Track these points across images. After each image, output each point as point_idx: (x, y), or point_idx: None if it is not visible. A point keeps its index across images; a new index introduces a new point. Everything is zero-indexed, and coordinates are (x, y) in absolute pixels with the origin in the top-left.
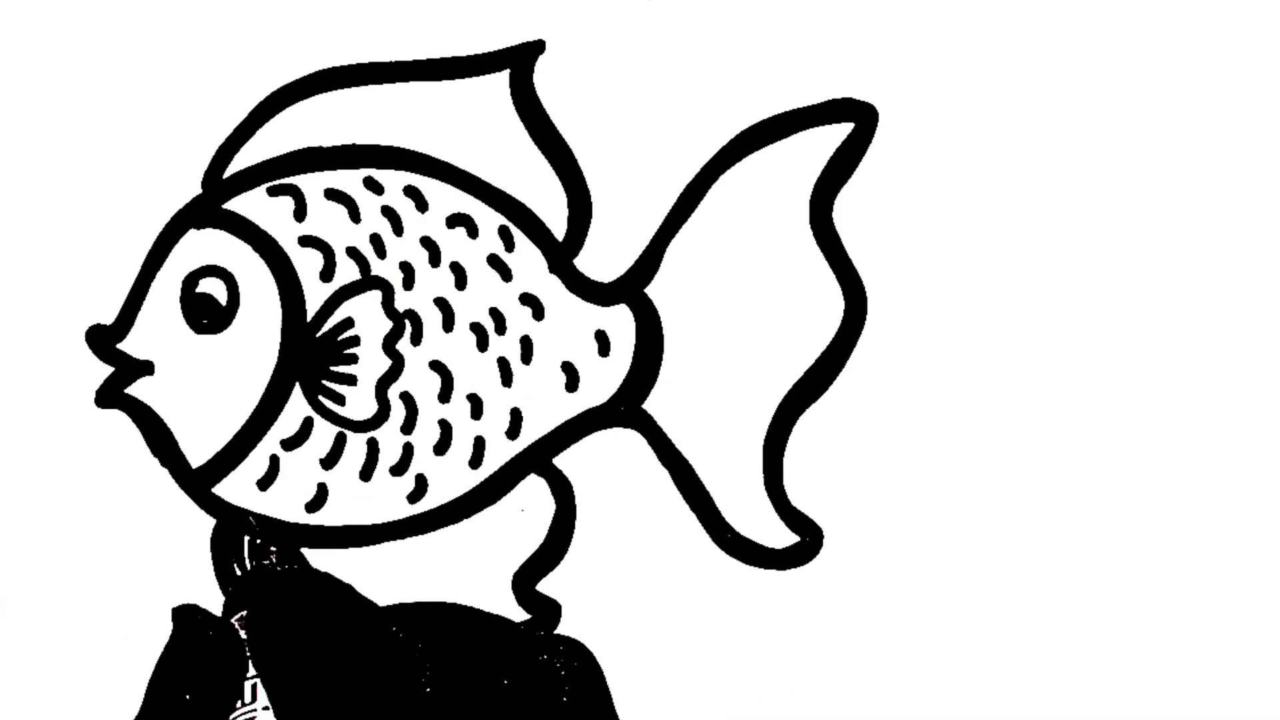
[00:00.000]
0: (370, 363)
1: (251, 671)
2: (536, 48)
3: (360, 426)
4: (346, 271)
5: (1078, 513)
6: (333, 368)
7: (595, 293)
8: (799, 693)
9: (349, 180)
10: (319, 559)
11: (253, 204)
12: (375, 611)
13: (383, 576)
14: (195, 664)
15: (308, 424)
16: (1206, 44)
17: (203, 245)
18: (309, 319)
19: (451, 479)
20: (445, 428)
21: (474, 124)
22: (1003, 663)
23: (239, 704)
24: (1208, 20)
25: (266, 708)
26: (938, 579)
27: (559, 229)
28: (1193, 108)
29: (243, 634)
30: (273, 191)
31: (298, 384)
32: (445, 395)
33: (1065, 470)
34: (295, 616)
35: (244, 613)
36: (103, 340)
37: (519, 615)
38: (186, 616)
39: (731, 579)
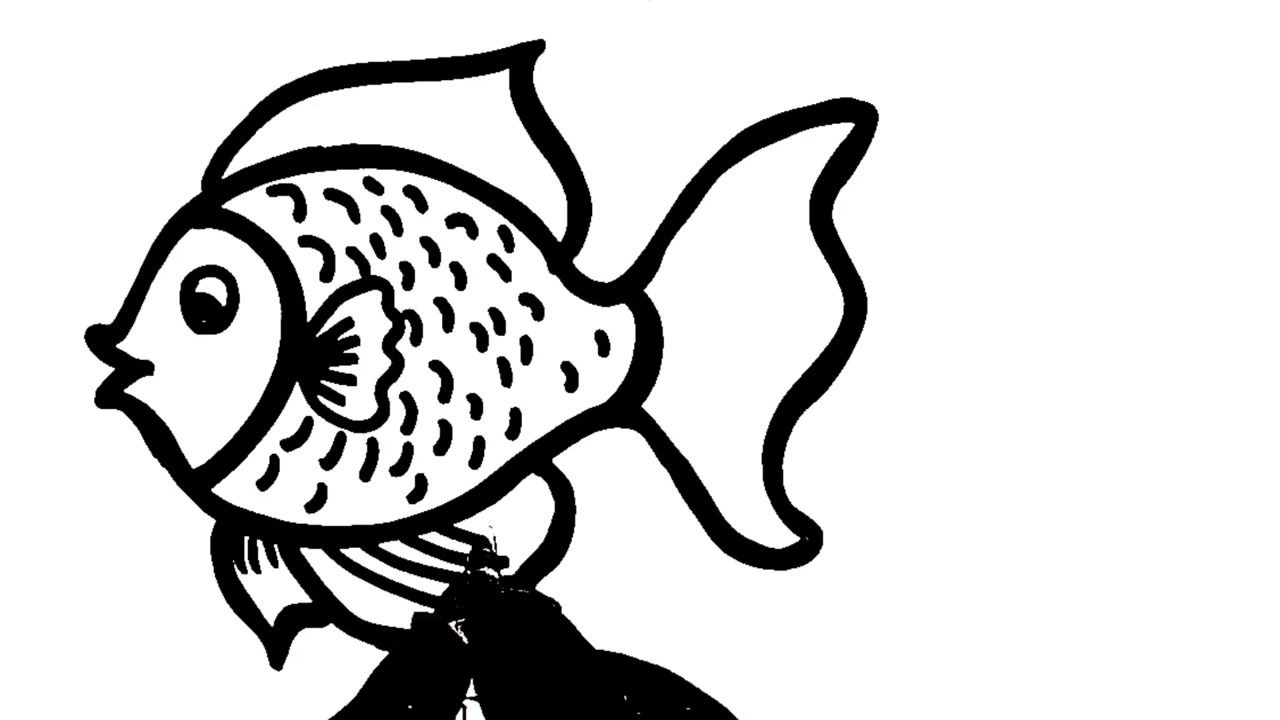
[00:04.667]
0: (370, 363)
1: (470, 693)
2: (536, 48)
3: (360, 426)
4: (346, 271)
5: (1077, 512)
6: (332, 368)
7: (595, 293)
8: None
9: (349, 180)
10: (319, 559)
11: (253, 204)
12: (592, 653)
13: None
14: (421, 675)
15: (308, 424)
16: (1206, 44)
17: (203, 245)
18: (309, 319)
19: (451, 479)
20: (445, 428)
21: (474, 124)
22: (1002, 663)
23: None
24: (1208, 20)
25: None
26: (937, 579)
27: (559, 229)
28: (1192, 107)
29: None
30: (273, 191)
31: (298, 384)
32: (445, 395)
33: (1064, 470)
34: (518, 641)
35: (463, 620)
36: (103, 340)
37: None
38: (424, 625)
39: (731, 579)
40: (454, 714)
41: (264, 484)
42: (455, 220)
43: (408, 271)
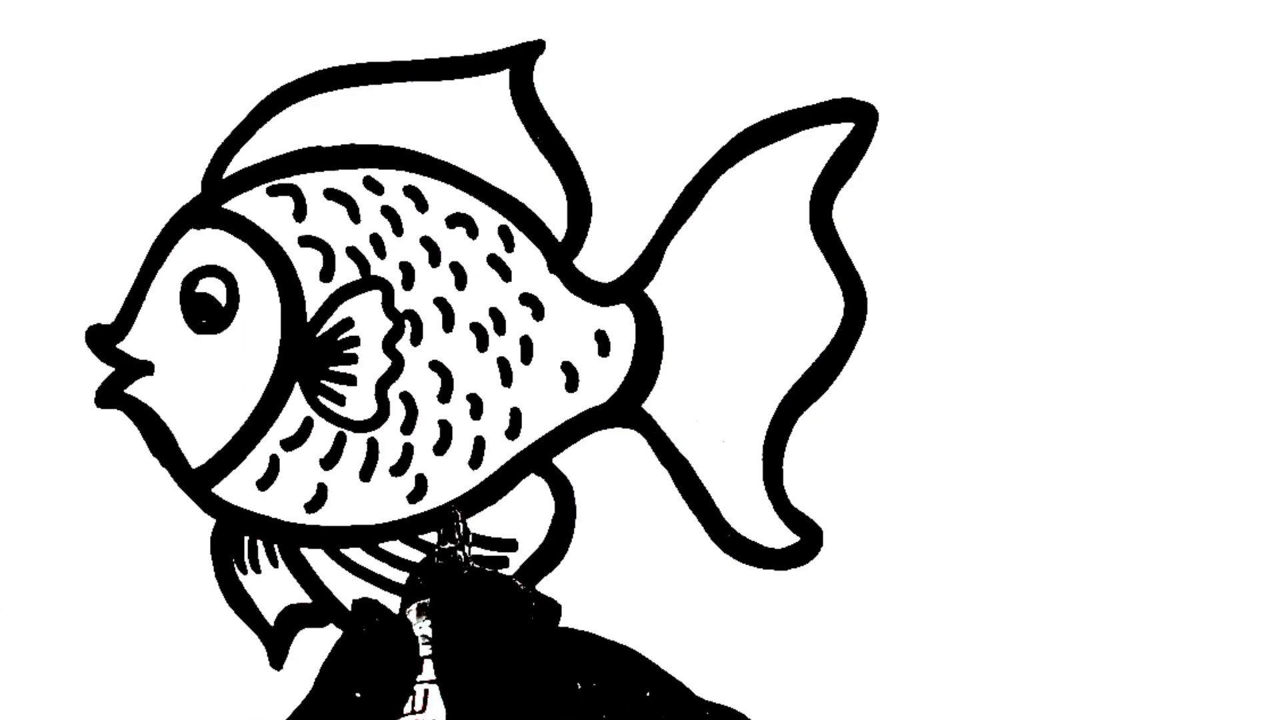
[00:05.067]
0: (370, 363)
1: (424, 675)
2: (536, 48)
3: (360, 426)
4: (346, 271)
5: (1077, 512)
6: (332, 368)
7: (595, 293)
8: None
9: (349, 180)
10: (319, 559)
11: (253, 204)
12: (555, 634)
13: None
14: (368, 660)
15: (308, 424)
16: (1207, 44)
17: (203, 245)
18: (309, 319)
19: (451, 479)
20: (445, 428)
21: (474, 124)
22: (1003, 663)
23: (408, 709)
24: (1208, 20)
25: None
26: (937, 579)
27: (559, 229)
28: (1193, 107)
29: (420, 626)
30: (273, 191)
31: (298, 384)
32: (445, 395)
33: (1065, 470)
34: (479, 620)
35: (424, 601)
36: (103, 340)
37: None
38: (364, 609)
39: (731, 579)
40: (404, 701)
41: (264, 484)
42: (455, 220)
43: (408, 271)
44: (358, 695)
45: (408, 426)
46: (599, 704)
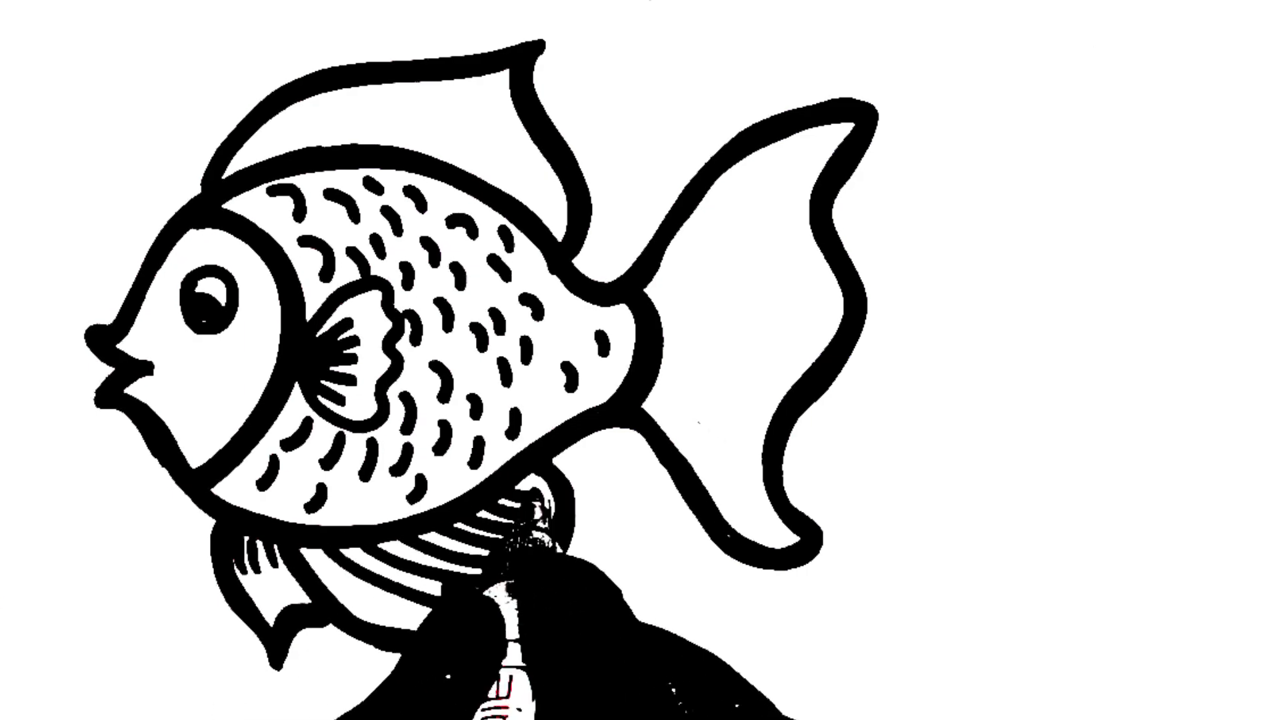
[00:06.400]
0: (370, 363)
1: (510, 659)
2: (536, 48)
3: (360, 426)
4: (346, 271)
5: (1076, 512)
6: (332, 368)
7: (595, 293)
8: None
9: (349, 180)
10: (318, 559)
11: (253, 204)
12: (640, 628)
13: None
14: (458, 643)
15: (307, 424)
16: (1206, 44)
17: (203, 245)
18: (309, 319)
19: (451, 479)
20: (445, 428)
21: (474, 124)
22: (1002, 663)
23: (493, 693)
24: (1208, 21)
25: (520, 709)
26: (937, 579)
27: (559, 229)
28: (1192, 107)
29: (508, 606)
30: (273, 191)
31: (297, 384)
32: (445, 395)
33: (1064, 470)
34: (565, 604)
35: (510, 582)
36: (103, 340)
37: None
38: (455, 588)
39: (731, 579)
40: (490, 684)
41: (264, 484)
42: (455, 220)
43: (408, 271)
44: (448, 676)
45: (407, 426)
46: (688, 706)
